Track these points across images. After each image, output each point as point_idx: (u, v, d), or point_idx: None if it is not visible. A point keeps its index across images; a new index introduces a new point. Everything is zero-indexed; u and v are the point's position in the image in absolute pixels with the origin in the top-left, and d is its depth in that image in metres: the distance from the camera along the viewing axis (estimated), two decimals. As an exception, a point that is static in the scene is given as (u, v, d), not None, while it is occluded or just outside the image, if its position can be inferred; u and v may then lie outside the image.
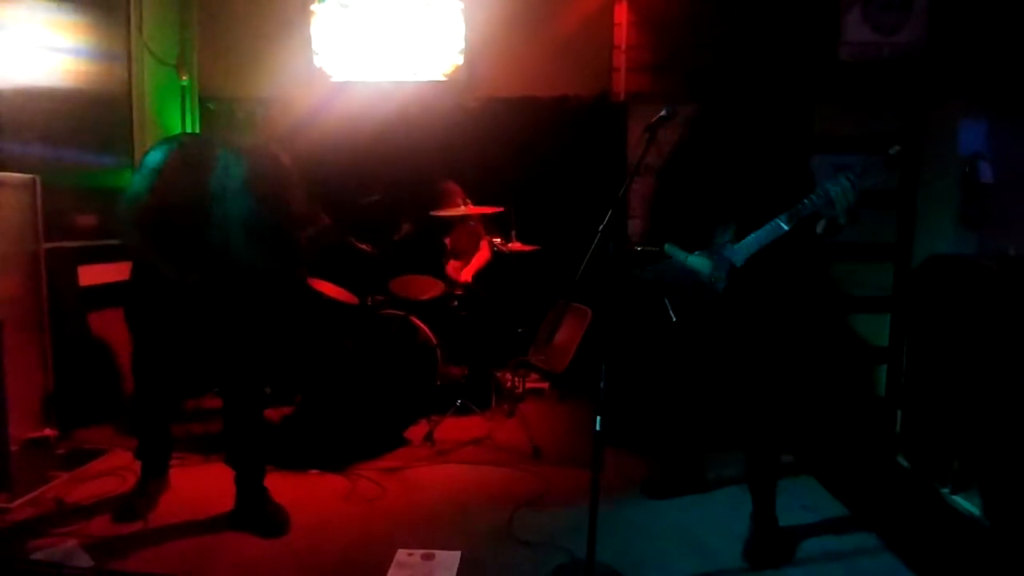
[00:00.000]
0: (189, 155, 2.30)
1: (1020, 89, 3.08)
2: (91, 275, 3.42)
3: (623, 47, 3.73)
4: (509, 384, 3.73)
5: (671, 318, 2.42)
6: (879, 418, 3.58)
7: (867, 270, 3.65)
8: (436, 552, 2.28)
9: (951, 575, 2.20)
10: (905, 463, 3.19)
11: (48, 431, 3.10)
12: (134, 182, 2.29)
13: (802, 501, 2.68)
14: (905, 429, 3.36)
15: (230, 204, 2.27)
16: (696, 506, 2.67)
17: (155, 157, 2.28)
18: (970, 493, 2.74)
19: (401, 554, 2.27)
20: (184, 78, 4.18)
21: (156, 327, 2.41)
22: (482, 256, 3.93)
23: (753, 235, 2.23)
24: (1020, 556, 2.37)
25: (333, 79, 4.13)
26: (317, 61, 4.11)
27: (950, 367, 2.93)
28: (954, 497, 2.79)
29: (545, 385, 4.11)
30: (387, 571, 2.17)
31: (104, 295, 3.39)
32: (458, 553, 2.28)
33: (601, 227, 2.02)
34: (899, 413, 3.47)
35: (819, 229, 2.16)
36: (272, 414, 3.40)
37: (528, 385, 4.02)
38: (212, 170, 2.28)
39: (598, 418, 2.00)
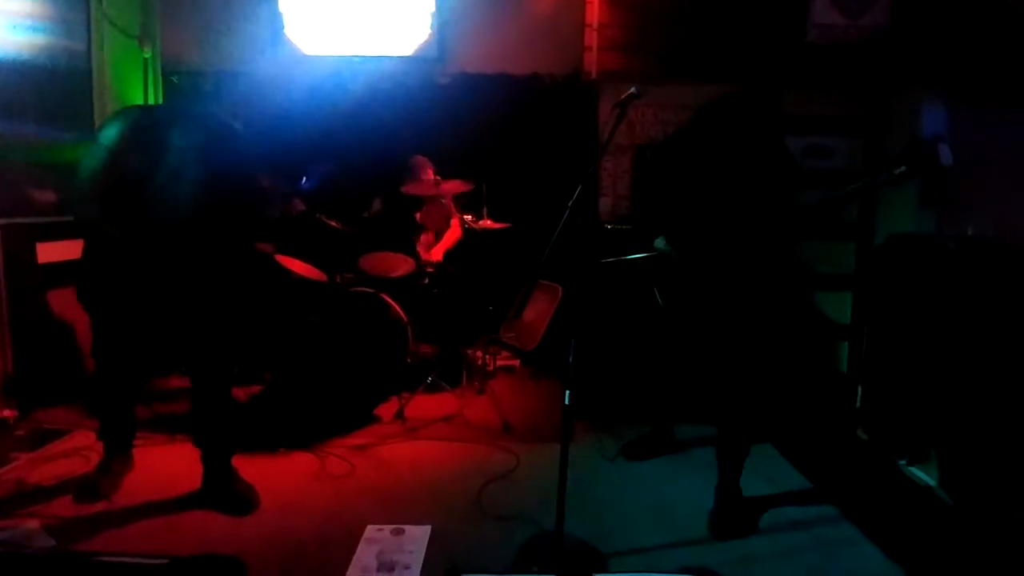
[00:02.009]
0: (143, 129, 2.26)
1: (979, 73, 3.16)
2: (50, 252, 3.33)
3: (595, 25, 3.72)
4: (480, 362, 3.74)
5: (658, 303, 2.50)
6: (840, 393, 3.68)
7: (830, 249, 3.74)
8: (406, 527, 2.29)
9: (907, 543, 2.28)
10: (864, 436, 3.29)
11: (7, 412, 3.05)
12: (88, 158, 2.24)
13: (765, 473, 2.75)
14: (865, 404, 3.46)
15: (189, 174, 2.23)
16: (663, 479, 2.72)
17: (108, 133, 2.24)
18: (925, 465, 2.85)
19: (370, 530, 2.28)
20: (147, 50, 4.05)
21: (113, 306, 2.35)
22: (453, 234, 3.91)
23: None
24: (973, 524, 2.47)
25: (302, 52, 4.05)
26: (286, 34, 4.01)
27: (910, 343, 3.02)
28: (910, 469, 2.89)
29: (516, 362, 4.13)
30: (356, 547, 2.17)
31: (64, 272, 3.30)
32: (428, 528, 2.29)
33: (571, 202, 2.03)
34: (859, 388, 3.57)
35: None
36: (240, 393, 3.36)
37: (499, 362, 4.03)
38: (168, 143, 2.24)
39: (567, 392, 2.02)
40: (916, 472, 2.86)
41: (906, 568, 2.14)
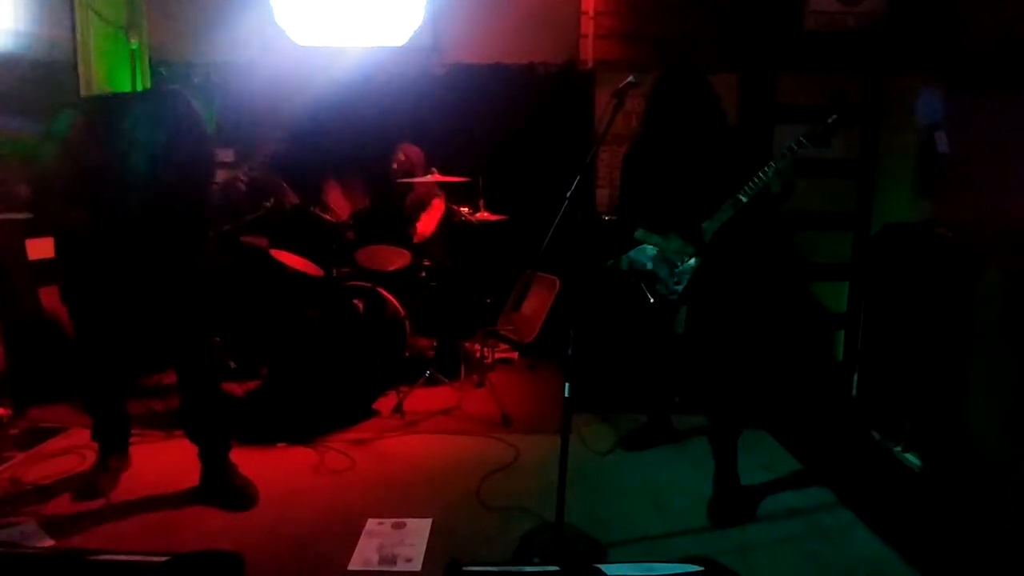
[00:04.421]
0: (93, 115, 2.25)
1: (976, 60, 3.15)
2: (40, 248, 3.29)
3: (591, 13, 3.69)
4: (478, 354, 3.73)
5: (648, 300, 2.51)
6: (837, 381, 3.70)
7: (827, 238, 3.74)
8: (407, 520, 2.29)
9: (902, 528, 2.30)
10: (860, 423, 3.31)
11: (1, 410, 3.01)
12: (41, 151, 2.23)
13: (763, 461, 2.76)
14: (861, 391, 3.48)
15: (141, 152, 2.19)
16: (662, 469, 2.73)
17: (58, 124, 2.22)
18: (919, 451, 2.87)
19: (371, 523, 2.28)
20: (133, 41, 3.98)
21: (91, 303, 2.33)
22: (436, 209, 3.86)
23: (718, 212, 2.31)
24: (954, 503, 2.50)
25: (294, 43, 3.98)
26: (277, 24, 3.95)
27: (906, 331, 3.03)
28: (905, 455, 2.91)
29: (514, 355, 4.13)
30: (357, 541, 2.17)
31: (54, 269, 3.25)
32: (429, 521, 2.29)
33: (569, 193, 2.01)
34: (855, 377, 3.59)
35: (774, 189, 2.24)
36: (237, 388, 3.34)
37: (497, 355, 4.03)
38: (120, 125, 2.20)
39: (567, 384, 2.01)
40: (911, 458, 2.88)
41: (902, 553, 2.16)
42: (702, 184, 2.35)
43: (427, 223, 3.80)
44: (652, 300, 2.52)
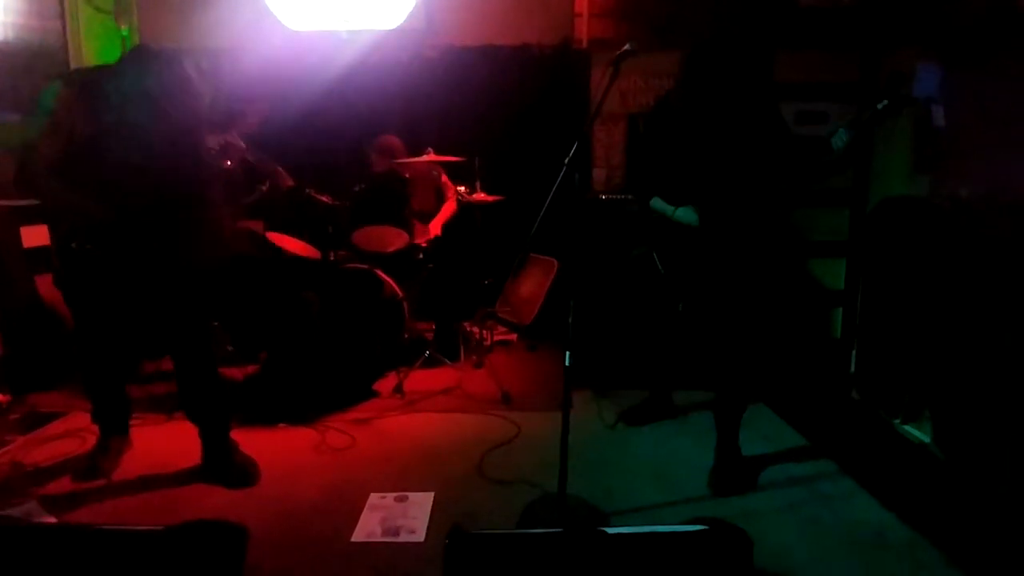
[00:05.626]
0: (79, 88, 2.14)
1: (972, 33, 3.15)
2: (36, 236, 3.27)
3: (585, -9, 3.67)
4: (477, 336, 3.73)
5: (659, 270, 2.50)
6: (835, 358, 3.71)
7: (824, 216, 3.74)
8: (409, 494, 2.30)
9: (902, 494, 2.32)
10: (859, 398, 3.32)
11: (0, 396, 3.01)
12: (30, 131, 2.13)
13: (763, 433, 2.78)
14: (859, 367, 3.49)
15: (131, 119, 2.12)
16: (663, 442, 2.74)
17: (44, 101, 2.12)
18: (919, 423, 2.88)
19: (374, 497, 2.28)
20: (123, 27, 3.95)
21: (89, 289, 2.27)
22: (449, 207, 3.86)
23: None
24: (966, 477, 2.51)
25: (286, 28, 3.96)
26: (268, 8, 3.92)
27: (903, 303, 3.04)
28: (905, 427, 2.93)
29: (513, 336, 4.12)
30: (360, 515, 2.18)
31: (50, 257, 3.24)
32: (431, 494, 2.30)
33: (567, 160, 2.01)
34: (854, 353, 3.60)
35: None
36: (236, 372, 3.33)
37: (496, 337, 4.02)
38: (106, 93, 2.13)
39: (567, 353, 2.01)
40: (910, 430, 2.90)
41: (903, 517, 2.17)
42: (731, 159, 2.29)
43: (437, 224, 3.77)
44: (663, 271, 2.51)
